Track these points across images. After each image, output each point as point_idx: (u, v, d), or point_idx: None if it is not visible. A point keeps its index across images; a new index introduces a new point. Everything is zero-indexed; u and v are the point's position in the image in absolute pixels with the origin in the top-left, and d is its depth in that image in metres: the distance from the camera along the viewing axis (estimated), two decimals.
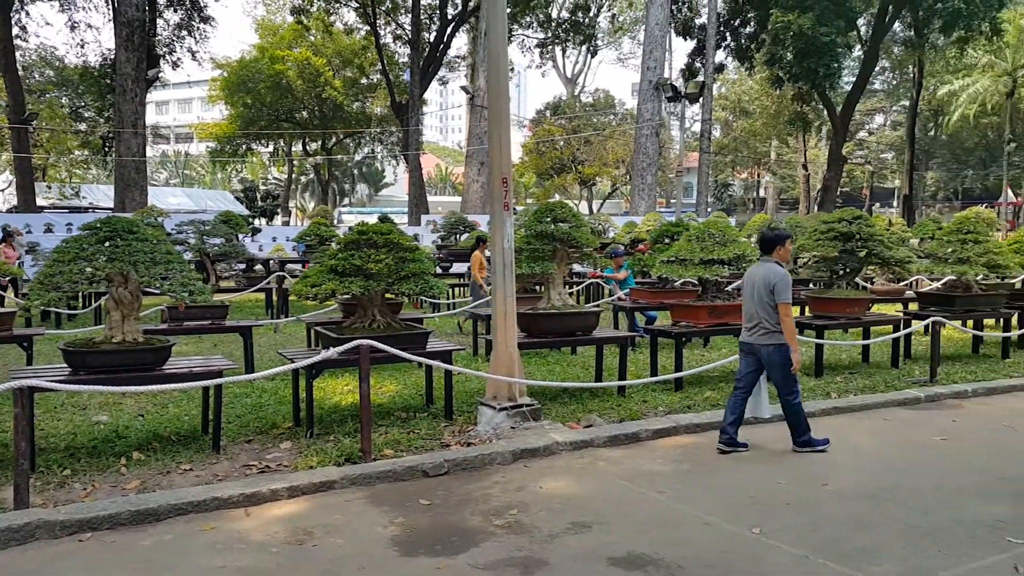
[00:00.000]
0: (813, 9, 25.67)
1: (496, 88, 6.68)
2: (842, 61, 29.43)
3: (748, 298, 6.47)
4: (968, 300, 10.33)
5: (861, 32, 33.50)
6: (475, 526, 4.81)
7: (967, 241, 10.36)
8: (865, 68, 31.83)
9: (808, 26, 24.88)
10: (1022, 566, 4.22)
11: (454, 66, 43.78)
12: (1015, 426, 7.36)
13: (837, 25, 26.46)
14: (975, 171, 55.81)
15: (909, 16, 28.71)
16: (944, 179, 59.59)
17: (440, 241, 21.66)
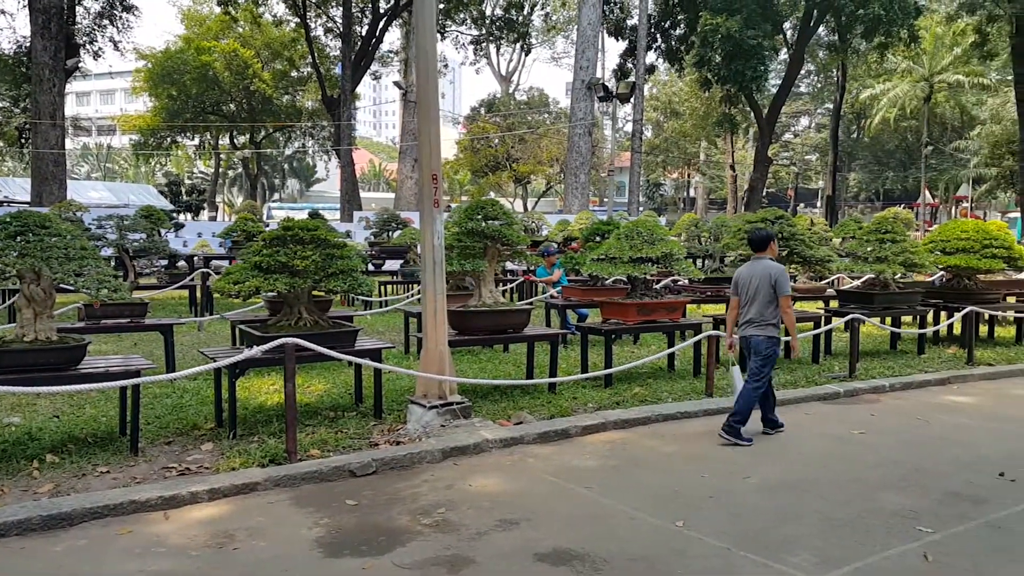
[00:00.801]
0: (741, 12, 26.27)
1: (425, 84, 6.62)
2: (768, 64, 30.21)
3: (745, 294, 6.84)
4: (886, 298, 10.73)
5: (787, 36, 34.48)
6: (402, 525, 4.76)
7: (885, 241, 10.75)
8: (790, 71, 32.77)
9: (736, 29, 25.46)
10: (932, 555, 4.40)
11: (387, 61, 43.40)
12: (929, 420, 7.67)
13: (764, 29, 27.16)
14: (895, 173, 58.08)
15: (833, 21, 29.65)
16: (866, 180, 61.83)
17: (373, 238, 21.42)
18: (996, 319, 12.74)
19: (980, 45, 34.59)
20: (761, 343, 6.73)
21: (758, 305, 6.73)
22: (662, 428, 7.19)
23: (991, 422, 7.56)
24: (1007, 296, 12.61)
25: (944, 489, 5.53)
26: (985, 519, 4.96)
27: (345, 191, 34.35)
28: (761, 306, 6.71)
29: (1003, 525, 4.86)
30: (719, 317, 10.29)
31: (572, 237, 18.38)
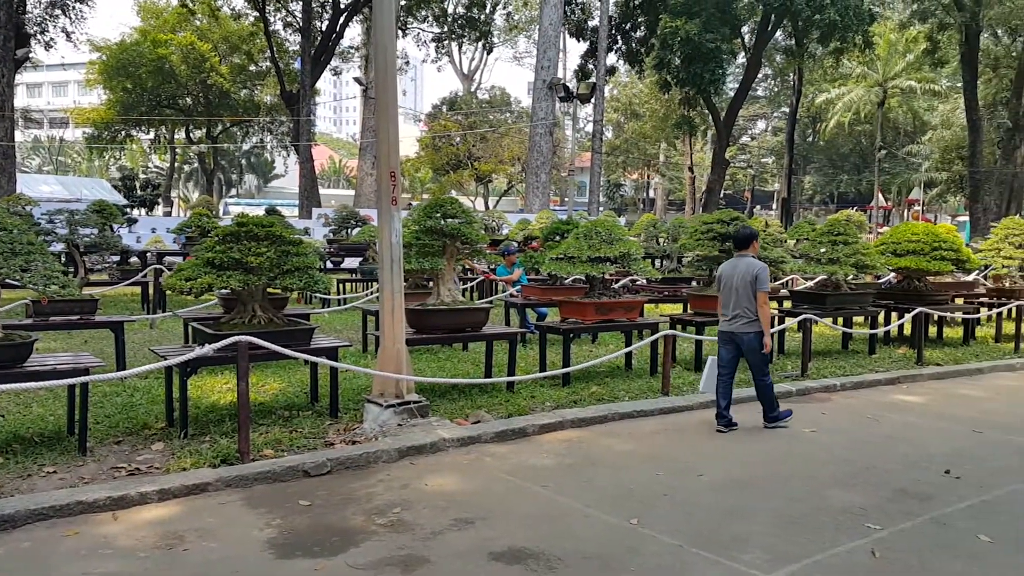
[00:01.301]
0: (700, 16, 26.55)
1: (384, 81, 6.57)
2: (726, 67, 30.60)
3: (729, 289, 7.14)
4: (838, 298, 10.93)
5: (745, 40, 34.95)
6: (357, 526, 4.72)
7: (837, 242, 10.96)
8: (748, 75, 33.21)
9: (695, 32, 25.72)
10: (879, 551, 4.49)
11: (348, 56, 43.03)
12: (878, 418, 7.83)
13: (722, 32, 27.49)
14: (849, 176, 59.29)
15: (790, 26, 30.14)
16: (821, 183, 63.02)
17: (332, 235, 21.22)
18: (945, 320, 13.06)
19: (931, 52, 35.54)
20: (753, 339, 7.05)
21: (743, 301, 7.04)
22: (618, 427, 7.24)
23: (939, 421, 7.75)
24: (955, 298, 12.94)
25: (892, 486, 5.65)
26: (931, 516, 5.08)
27: (304, 187, 33.98)
28: (746, 302, 7.03)
29: (948, 522, 4.98)
30: (676, 317, 10.40)
31: (532, 236, 18.44)
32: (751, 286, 6.98)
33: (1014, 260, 13.53)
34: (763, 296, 6.99)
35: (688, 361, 9.94)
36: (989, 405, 8.55)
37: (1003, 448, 6.78)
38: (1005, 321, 12.90)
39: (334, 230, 21.19)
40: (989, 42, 39.30)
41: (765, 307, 7.01)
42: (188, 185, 62.17)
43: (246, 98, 45.30)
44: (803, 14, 26.30)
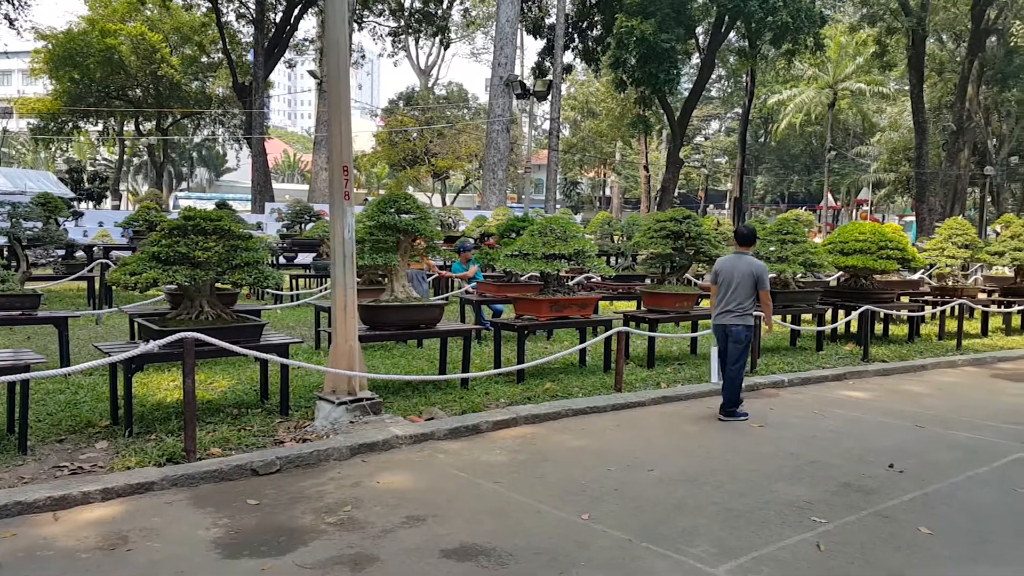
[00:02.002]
0: (655, 16, 26.79)
1: (336, 74, 6.49)
2: (681, 68, 30.94)
3: (727, 285, 7.48)
4: (787, 296, 11.14)
5: (699, 41, 35.37)
6: (306, 524, 4.66)
7: (786, 241, 11.16)
8: (702, 75, 33.62)
9: (650, 32, 25.94)
10: (824, 544, 4.58)
11: (302, 49, 42.43)
12: (824, 413, 8.00)
13: (677, 33, 27.76)
14: (800, 176, 60.49)
15: (743, 27, 30.57)
16: (772, 183, 64.15)
17: (285, 230, 20.93)
18: (891, 317, 13.39)
19: (880, 55, 36.41)
20: (740, 332, 7.46)
21: (739, 296, 7.45)
22: (572, 423, 7.27)
23: (883, 416, 7.94)
24: (901, 296, 13.28)
25: (837, 480, 5.77)
26: (874, 509, 5.20)
27: (256, 181, 33.47)
28: (742, 298, 7.44)
29: (890, 514, 5.11)
30: (629, 314, 10.48)
31: (489, 233, 18.40)
32: (753, 285, 7.42)
33: (957, 259, 13.94)
34: (766, 294, 7.51)
35: (641, 358, 10.03)
36: (931, 401, 8.79)
37: (943, 443, 6.98)
38: (948, 319, 13.28)
39: (287, 225, 20.91)
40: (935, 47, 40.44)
41: (769, 302, 7.60)
42: (137, 178, 60.79)
43: (197, 90, 44.42)
44: (756, 16, 26.69)
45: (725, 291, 7.54)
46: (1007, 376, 10.55)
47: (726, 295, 7.52)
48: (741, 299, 7.44)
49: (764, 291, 7.49)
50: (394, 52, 43.90)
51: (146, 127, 48.48)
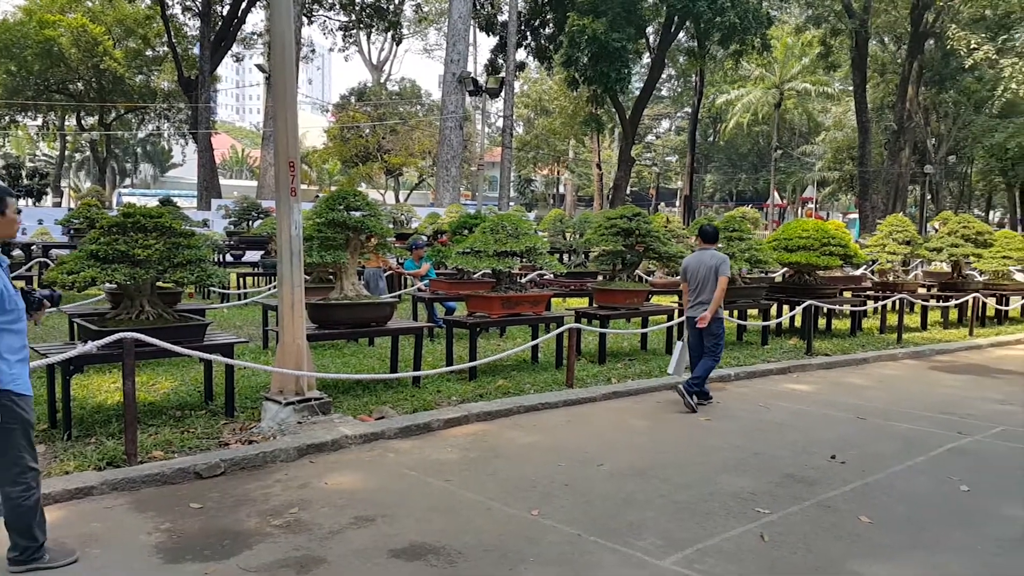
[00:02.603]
0: (606, 15, 26.96)
1: (281, 67, 6.39)
2: (632, 67, 31.19)
3: (696, 280, 7.89)
4: (733, 292, 11.28)
5: (650, 40, 35.72)
6: (251, 527, 4.59)
7: (733, 239, 11.34)
8: (652, 75, 33.96)
9: (601, 31, 26.10)
10: (768, 534, 4.67)
11: (250, 43, 41.74)
12: (769, 406, 8.15)
13: (628, 32, 27.98)
14: (748, 175, 61.56)
15: (692, 28, 30.98)
16: (721, 181, 65.17)
17: (232, 227, 20.57)
18: (833, 312, 13.70)
19: (825, 56, 37.21)
20: (714, 324, 7.84)
21: (709, 291, 7.80)
22: (523, 419, 7.29)
23: (826, 408, 8.12)
24: (843, 291, 13.62)
25: (781, 472, 5.88)
26: (817, 499, 5.31)
27: (203, 178, 32.83)
28: (712, 291, 7.77)
29: (832, 504, 5.22)
30: (581, 310, 10.54)
31: (442, 230, 18.34)
32: (716, 274, 7.74)
33: (897, 255, 14.34)
34: (723, 280, 7.78)
35: (593, 354, 10.09)
36: (872, 393, 9.02)
37: (884, 434, 7.16)
38: (889, 313, 13.64)
39: (234, 222, 20.56)
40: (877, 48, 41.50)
41: (721, 291, 7.79)
42: (79, 174, 59.07)
43: (142, 84, 43.30)
44: (704, 16, 27.04)
45: (695, 287, 7.95)
46: (944, 368, 10.89)
47: (697, 290, 7.93)
48: (711, 293, 7.80)
49: (723, 276, 7.81)
50: (345, 47, 43.43)
51: (88, 122, 47.17)
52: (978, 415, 7.96)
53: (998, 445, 6.85)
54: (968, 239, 15.04)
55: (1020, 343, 13.53)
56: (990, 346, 12.97)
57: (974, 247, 15.00)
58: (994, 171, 42.62)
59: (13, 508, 3.87)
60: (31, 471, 3.91)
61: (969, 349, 12.59)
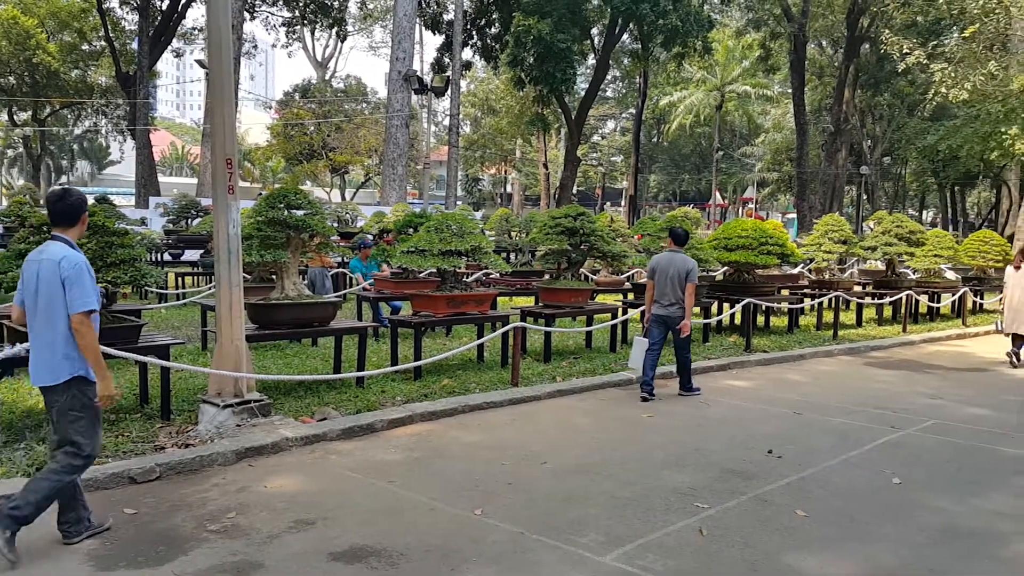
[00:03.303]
0: (552, 15, 27.07)
1: (218, 61, 6.26)
2: (577, 67, 31.39)
3: (664, 280, 8.24)
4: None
5: (595, 42, 36.00)
6: (187, 533, 4.49)
7: None
8: (597, 76, 34.22)
9: (547, 31, 26.19)
10: (707, 529, 4.75)
11: (191, 38, 40.77)
12: (709, 402, 8.30)
13: (573, 33, 28.14)
14: (691, 175, 62.53)
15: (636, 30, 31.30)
16: (664, 182, 66.07)
17: (170, 225, 20.07)
18: (772, 310, 14.01)
19: (764, 59, 38.03)
20: (679, 322, 8.21)
21: (675, 290, 8.21)
22: (468, 419, 7.28)
23: (764, 404, 8.30)
24: (781, 289, 13.93)
25: (720, 467, 6.00)
26: (754, 493, 5.43)
27: (141, 175, 31.97)
28: (678, 291, 8.21)
29: (769, 498, 5.34)
30: (526, 309, 10.58)
31: (387, 229, 18.18)
32: (685, 279, 8.16)
33: (833, 254, 14.73)
34: (691, 287, 8.22)
35: (538, 352, 10.13)
36: (808, 389, 9.26)
37: (819, 428, 7.35)
38: (825, 310, 14.01)
39: (173, 220, 20.06)
40: (815, 52, 42.55)
41: (691, 297, 8.26)
42: (12, 172, 56.98)
43: (78, 79, 41.94)
44: (647, 19, 27.34)
45: (663, 286, 8.28)
46: (878, 364, 11.22)
47: (664, 290, 8.27)
48: (679, 292, 8.20)
49: (691, 283, 8.23)
50: (288, 43, 42.79)
51: (21, 117, 45.48)
52: (910, 410, 8.22)
53: (929, 439, 7.09)
54: (901, 238, 15.52)
55: (951, 339, 14.03)
56: (922, 342, 13.42)
57: (907, 246, 15.49)
58: (927, 172, 44.11)
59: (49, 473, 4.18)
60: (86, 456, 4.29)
61: (902, 345, 12.99)
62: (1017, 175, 31.03)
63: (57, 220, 4.33)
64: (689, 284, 8.20)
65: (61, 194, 4.40)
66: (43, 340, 4.19)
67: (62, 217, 4.33)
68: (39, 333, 4.20)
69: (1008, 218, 33.00)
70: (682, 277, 8.19)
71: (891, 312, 15.61)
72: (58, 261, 4.12)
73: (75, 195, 4.43)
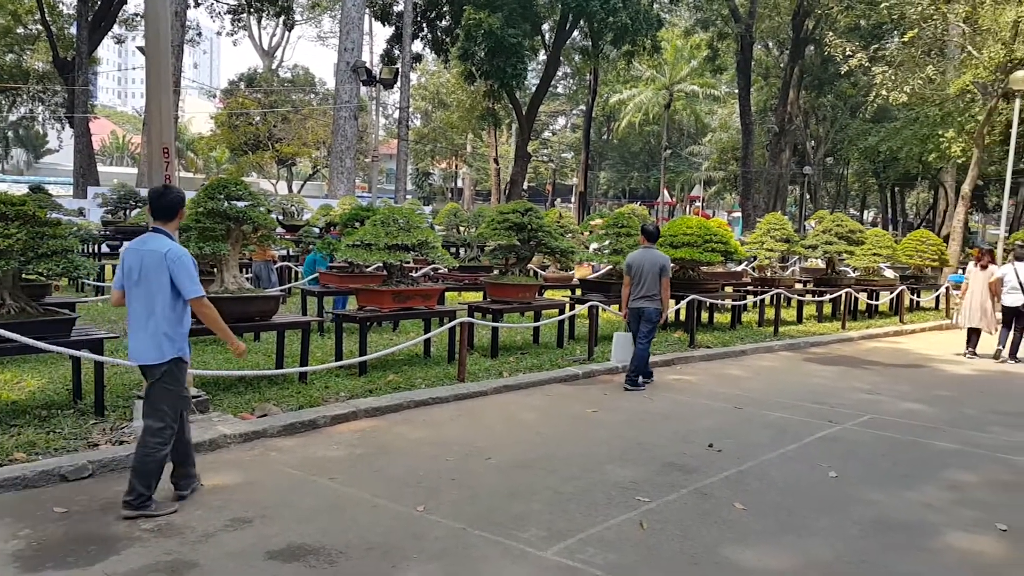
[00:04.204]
0: (503, 10, 27.04)
1: (156, 48, 6.08)
2: (528, 63, 31.41)
3: (639, 275, 8.72)
4: (621, 287, 11.56)
5: (546, 37, 36.07)
6: (119, 532, 4.36)
7: (621, 234, 11.60)
8: (548, 72, 34.30)
9: (497, 26, 26.16)
10: (647, 522, 4.80)
11: (133, 24, 39.59)
12: (653, 397, 8.39)
13: (524, 28, 28.16)
14: (640, 173, 63.13)
15: (586, 27, 31.47)
16: (614, 179, 66.59)
17: (109, 216, 19.51)
18: (715, 306, 14.24)
19: (712, 59, 38.58)
20: (652, 313, 8.73)
21: (649, 284, 8.69)
22: (414, 414, 7.23)
23: (706, 399, 8.43)
24: (725, 286, 14.14)
25: (662, 461, 6.06)
26: (694, 487, 5.50)
27: (79, 164, 31.00)
28: (651, 285, 8.69)
29: (709, 491, 5.42)
30: (474, 304, 10.56)
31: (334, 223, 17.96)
32: (659, 274, 8.66)
33: (775, 252, 15.02)
34: (666, 281, 8.78)
35: (485, 348, 10.12)
36: (750, 384, 9.43)
37: (759, 422, 7.50)
38: (767, 307, 14.29)
39: (111, 211, 19.51)
40: (761, 53, 43.34)
41: (667, 290, 8.80)
42: None
43: (12, 63, 40.42)
44: (597, 16, 27.49)
45: (638, 281, 8.75)
46: (818, 360, 11.49)
47: (639, 284, 8.74)
48: (651, 286, 8.69)
49: (666, 279, 8.78)
50: (234, 31, 41.79)
51: None
52: (847, 404, 8.43)
53: (864, 433, 7.28)
54: (841, 237, 15.91)
55: (888, 336, 14.45)
56: (860, 338, 13.79)
57: (847, 245, 15.89)
58: (868, 173, 45.34)
59: (143, 456, 4.58)
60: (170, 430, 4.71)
61: (841, 341, 13.34)
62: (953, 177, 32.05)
63: (158, 214, 4.81)
64: (664, 279, 8.71)
65: (162, 191, 4.88)
66: (145, 323, 4.65)
67: (163, 212, 4.81)
68: (140, 317, 4.66)
69: (945, 218, 34.11)
70: (656, 272, 8.67)
71: (831, 309, 15.99)
72: (164, 253, 4.61)
73: (174, 192, 4.91)
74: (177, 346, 4.72)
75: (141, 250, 4.66)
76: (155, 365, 4.67)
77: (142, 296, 4.63)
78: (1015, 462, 6.50)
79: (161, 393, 4.72)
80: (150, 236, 4.75)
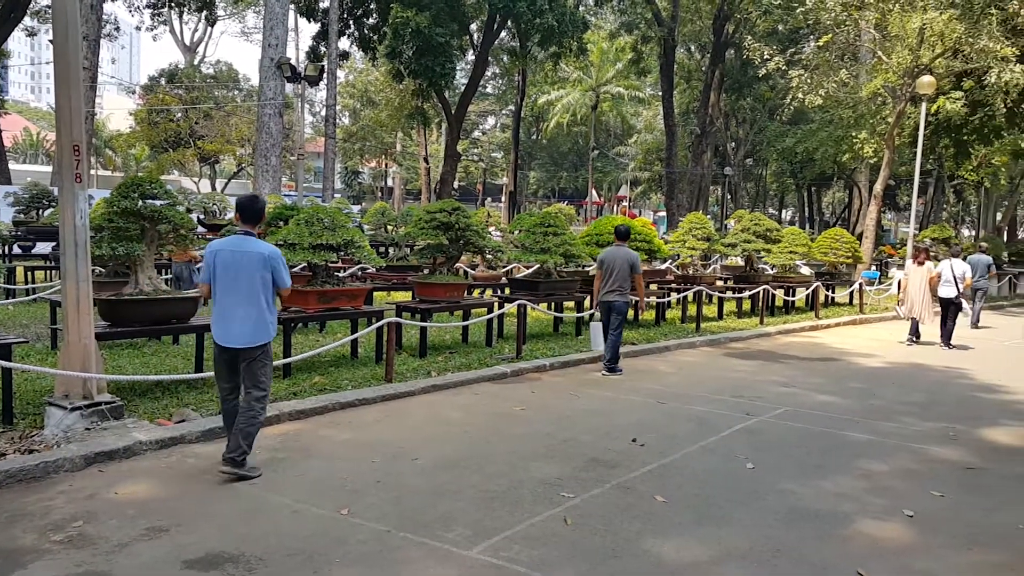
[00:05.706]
0: (430, 9, 26.90)
1: (64, 41, 5.83)
2: (456, 62, 31.32)
3: (611, 271, 9.37)
4: (549, 285, 11.70)
5: (474, 37, 36.07)
6: (27, 544, 4.19)
7: (548, 233, 11.70)
8: (476, 71, 34.29)
9: (425, 25, 25.99)
10: (571, 518, 4.86)
11: (45, 16, 37.92)
12: (579, 394, 8.49)
13: (451, 28, 28.06)
14: (569, 173, 63.77)
15: (514, 28, 31.56)
16: (544, 178, 67.13)
17: (20, 216, 18.64)
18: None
19: (636, 62, 39.19)
20: (622, 306, 9.44)
21: (620, 279, 9.36)
22: (339, 416, 7.16)
23: (630, 395, 8.58)
24: (649, 284, 14.39)
25: (586, 456, 6.15)
26: (617, 481, 5.60)
27: None
28: (622, 280, 9.37)
29: (631, 486, 5.53)
30: (402, 304, 10.49)
31: None
32: (629, 270, 9.38)
33: (697, 250, 15.38)
34: (638, 277, 9.55)
35: (414, 348, 10.07)
36: (672, 379, 9.64)
37: (680, 417, 7.67)
38: (689, 304, 14.61)
39: (23, 210, 18.64)
40: (684, 56, 44.24)
41: (641, 284, 9.65)
42: None
43: None
44: (524, 17, 27.60)
45: (609, 276, 9.39)
46: (737, 355, 11.82)
47: (610, 279, 9.38)
48: (621, 281, 9.36)
49: (637, 275, 9.52)
50: (154, 25, 40.58)
51: None
52: (765, 397, 8.70)
53: (780, 425, 7.53)
54: (759, 235, 16.40)
55: (804, 331, 14.95)
56: (778, 333, 14.23)
57: (765, 243, 16.38)
58: (785, 173, 46.77)
59: (251, 419, 5.38)
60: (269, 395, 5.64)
61: (759, 337, 13.75)
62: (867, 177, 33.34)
63: (248, 218, 5.51)
64: (635, 275, 9.46)
65: (252, 199, 5.61)
66: (247, 312, 5.35)
67: (254, 216, 5.54)
68: (242, 307, 5.34)
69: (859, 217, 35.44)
70: (626, 268, 9.37)
71: (750, 305, 16.46)
72: (266, 254, 5.40)
73: (261, 200, 5.65)
74: (274, 329, 5.53)
75: (238, 251, 5.37)
76: (259, 346, 5.39)
77: (243, 289, 5.34)
78: (922, 451, 6.82)
79: (262, 367, 5.46)
80: (243, 239, 5.42)
